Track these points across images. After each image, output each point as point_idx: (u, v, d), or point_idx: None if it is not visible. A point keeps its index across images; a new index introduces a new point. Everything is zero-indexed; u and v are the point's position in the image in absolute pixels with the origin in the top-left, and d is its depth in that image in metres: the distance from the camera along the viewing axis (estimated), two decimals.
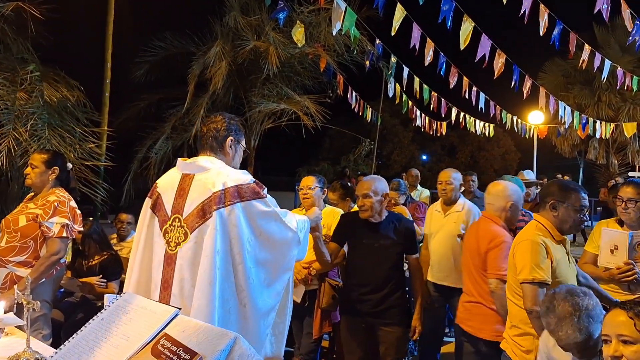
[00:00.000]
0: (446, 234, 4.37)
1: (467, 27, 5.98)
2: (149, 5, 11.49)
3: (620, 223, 3.37)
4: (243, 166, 2.68)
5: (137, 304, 1.48)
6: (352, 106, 11.30)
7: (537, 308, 2.58)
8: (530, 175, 5.83)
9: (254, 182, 2.43)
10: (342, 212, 4.15)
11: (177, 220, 2.40)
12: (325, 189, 4.20)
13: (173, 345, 1.26)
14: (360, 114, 11.75)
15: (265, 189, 2.48)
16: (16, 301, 2.53)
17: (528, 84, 8.40)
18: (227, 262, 2.31)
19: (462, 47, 6.07)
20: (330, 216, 4.03)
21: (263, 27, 9.55)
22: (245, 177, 2.42)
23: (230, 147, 2.56)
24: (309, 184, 4.04)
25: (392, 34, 6.01)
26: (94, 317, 1.49)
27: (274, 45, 9.13)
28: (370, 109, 12.13)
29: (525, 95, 8.54)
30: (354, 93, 11.13)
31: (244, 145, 2.68)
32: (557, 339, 2.33)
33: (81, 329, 1.49)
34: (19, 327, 2.29)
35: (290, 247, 2.55)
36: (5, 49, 6.60)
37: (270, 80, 9.96)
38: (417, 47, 6.51)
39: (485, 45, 6.42)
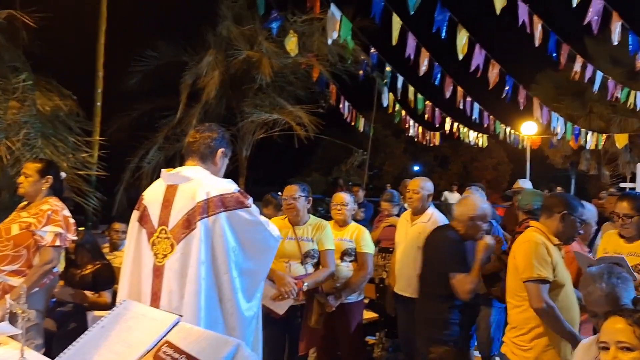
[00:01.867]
0: (409, 244, 4.26)
1: (462, 37, 6.03)
2: (142, 14, 11.48)
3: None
4: (234, 176, 2.68)
5: (137, 311, 1.46)
6: (345, 116, 11.33)
7: (543, 305, 2.67)
8: (527, 184, 5.75)
9: (238, 191, 2.43)
10: (327, 223, 3.93)
11: (163, 231, 2.40)
12: (310, 199, 3.94)
13: (175, 352, 1.24)
14: (353, 124, 11.77)
15: (251, 199, 2.48)
16: (9, 311, 2.50)
17: (522, 94, 8.46)
18: (212, 272, 2.31)
19: (460, 57, 6.11)
20: (318, 229, 3.80)
21: (256, 37, 9.58)
22: (229, 187, 2.42)
23: (220, 158, 2.57)
24: (292, 193, 3.78)
25: (394, 43, 6.03)
26: (94, 325, 1.47)
27: (266, 55, 9.16)
28: (363, 119, 12.16)
29: (521, 105, 8.59)
30: (346, 103, 11.15)
31: (227, 160, 2.69)
32: (584, 296, 2.37)
33: (81, 336, 1.46)
34: (11, 337, 2.26)
35: (273, 255, 2.58)
36: None
37: (262, 90, 9.99)
38: (411, 57, 6.55)
39: (479, 55, 6.47)
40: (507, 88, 7.93)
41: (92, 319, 4.13)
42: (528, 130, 16.06)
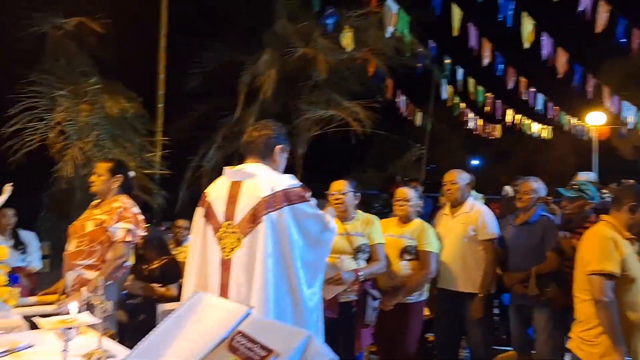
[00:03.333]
0: (454, 237, 4.17)
1: (527, 26, 5.82)
2: (200, 17, 11.77)
3: None
4: (290, 174, 2.72)
5: (210, 302, 1.51)
6: (401, 111, 11.19)
7: (604, 299, 2.63)
8: (590, 178, 5.38)
9: (301, 185, 2.51)
10: (376, 217, 3.88)
11: (229, 226, 2.47)
12: (358, 195, 3.86)
13: (249, 342, 1.28)
14: (410, 118, 11.61)
15: (310, 193, 2.55)
16: (85, 302, 2.64)
17: (591, 83, 8.06)
18: (278, 264, 2.37)
19: (526, 46, 5.91)
20: (368, 223, 3.75)
21: (311, 34, 9.60)
22: (292, 182, 2.50)
23: (279, 154, 2.63)
24: (341, 188, 3.70)
25: (455, 34, 5.91)
26: (170, 315, 1.53)
27: (322, 52, 9.16)
28: (420, 113, 11.96)
29: (590, 95, 8.19)
30: (402, 97, 11.01)
31: (287, 156, 2.74)
32: None
33: (158, 325, 1.53)
34: (89, 327, 2.38)
35: (330, 246, 2.62)
36: (68, 63, 6.93)
37: (318, 87, 10.00)
38: (475, 47, 6.39)
39: (547, 43, 6.23)
40: (576, 77, 7.57)
41: (161, 313, 4.28)
42: (595, 120, 15.33)
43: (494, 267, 4.12)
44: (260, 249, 2.35)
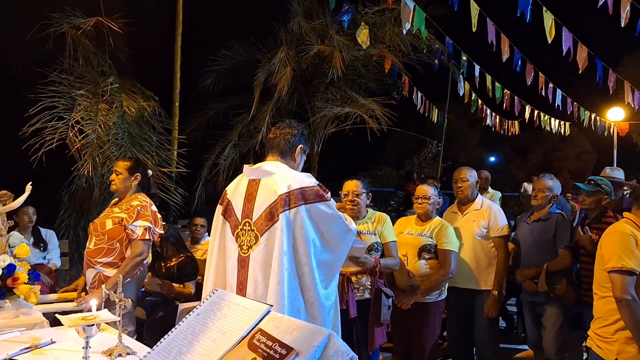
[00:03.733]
0: (465, 235, 4.17)
1: (548, 20, 5.74)
2: (215, 16, 11.83)
3: None
4: (306, 171, 2.72)
5: (230, 301, 1.52)
6: (418, 107, 11.13)
7: (626, 296, 2.60)
8: (615, 173, 5.01)
9: (318, 185, 2.50)
10: (386, 215, 3.83)
11: (247, 224, 2.49)
12: (370, 194, 3.83)
13: (269, 340, 1.28)
14: (426, 115, 11.54)
15: (329, 193, 2.53)
16: (104, 299, 2.67)
17: (612, 78, 7.91)
18: (293, 262, 2.39)
19: (549, 41, 5.83)
20: (379, 222, 3.73)
21: (327, 31, 9.57)
22: (309, 180, 2.49)
23: (299, 154, 2.66)
24: (355, 189, 3.65)
25: (474, 30, 5.85)
26: (190, 312, 1.54)
27: (338, 49, 9.13)
28: (437, 110, 11.89)
29: (611, 90, 8.05)
30: (419, 94, 10.95)
31: (305, 156, 2.77)
32: None
33: (179, 322, 1.54)
34: (108, 324, 2.41)
35: (349, 247, 2.63)
36: (86, 62, 7.00)
37: (333, 84, 9.96)
38: (494, 43, 6.32)
39: (567, 38, 6.13)
40: (598, 72, 7.44)
41: (181, 312, 4.32)
42: (615, 116, 15.07)
43: (506, 264, 4.11)
44: (277, 247, 2.36)
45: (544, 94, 8.86)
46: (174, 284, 4.63)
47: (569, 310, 3.88)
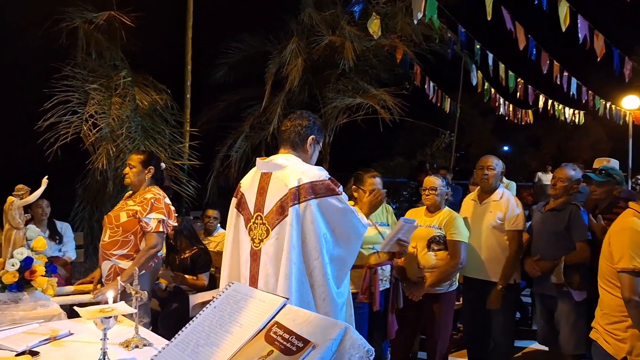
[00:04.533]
0: (480, 224, 4.15)
1: (563, 8, 5.66)
2: (226, 7, 11.81)
3: None
4: (318, 163, 2.70)
5: (246, 293, 1.53)
6: (430, 97, 11.06)
7: (636, 298, 2.54)
8: (612, 163, 4.88)
9: (329, 178, 2.47)
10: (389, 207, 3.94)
11: (259, 217, 2.49)
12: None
13: (285, 333, 1.29)
14: (439, 105, 11.46)
15: (341, 187, 2.51)
16: (120, 291, 2.69)
17: (628, 66, 7.78)
18: (301, 257, 2.37)
19: (563, 29, 5.74)
20: (388, 212, 3.87)
21: (338, 22, 9.52)
22: (320, 174, 2.47)
23: (311, 145, 2.63)
24: (375, 183, 3.61)
25: (489, 18, 5.79)
26: (207, 305, 1.55)
27: (349, 39, 9.08)
28: (449, 100, 11.80)
29: (627, 78, 7.92)
30: (431, 83, 10.87)
31: (320, 146, 2.74)
32: None
33: (196, 315, 1.56)
34: (124, 316, 2.44)
35: (360, 242, 2.59)
36: (99, 56, 7.03)
37: (345, 75, 9.93)
38: (509, 32, 6.25)
39: (583, 26, 6.04)
40: (614, 60, 7.32)
41: (191, 303, 4.35)
42: (630, 104, 14.86)
43: (517, 258, 4.07)
44: (286, 241, 2.36)
45: (558, 83, 8.75)
46: (187, 276, 4.67)
47: (582, 304, 3.81)
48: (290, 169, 2.47)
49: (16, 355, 1.98)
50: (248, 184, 2.63)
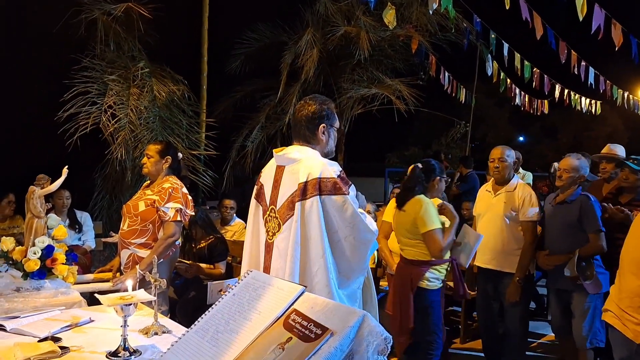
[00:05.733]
0: (494, 215, 4.14)
1: None
2: None
3: None
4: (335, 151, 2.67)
5: (265, 281, 1.55)
6: (445, 87, 10.97)
7: None
8: (618, 149, 4.77)
9: (338, 176, 2.38)
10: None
11: (272, 211, 2.49)
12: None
13: (304, 320, 1.30)
14: (454, 95, 11.37)
15: (352, 186, 2.42)
16: (139, 279, 2.74)
17: None
18: (308, 255, 2.34)
19: (580, 19, 5.66)
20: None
21: (353, 12, 9.49)
22: (330, 170, 2.37)
23: (323, 133, 2.53)
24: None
25: (507, 7, 5.73)
26: (226, 293, 1.58)
27: (364, 29, 9.04)
28: (464, 90, 11.70)
29: None
30: (446, 74, 10.78)
31: (337, 127, 2.63)
32: None
33: (215, 303, 1.59)
34: (143, 304, 2.48)
35: (369, 248, 2.46)
36: (117, 48, 7.11)
37: (360, 65, 9.89)
38: (529, 20, 6.18)
39: (599, 15, 5.95)
40: (632, 50, 7.19)
41: (210, 289, 4.38)
42: None
43: (532, 249, 4.04)
44: (292, 237, 2.34)
45: (576, 72, 8.63)
46: (203, 265, 4.70)
47: (597, 297, 3.77)
48: (302, 164, 2.41)
49: (39, 341, 2.02)
50: (266, 175, 2.61)
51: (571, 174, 3.88)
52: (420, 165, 3.82)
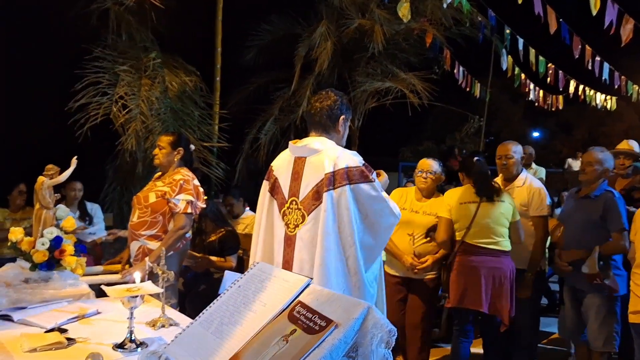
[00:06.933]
0: None
1: None
2: None
3: None
4: (348, 147, 2.67)
5: (271, 273, 1.54)
6: (459, 82, 10.86)
7: None
8: (635, 145, 4.74)
9: (363, 165, 2.44)
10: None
11: (294, 202, 2.47)
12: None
13: (308, 312, 1.30)
14: (468, 89, 11.26)
15: (374, 173, 2.47)
16: (148, 271, 2.73)
17: None
18: (338, 244, 2.35)
19: (594, 13, 5.57)
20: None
21: (368, 5, 9.42)
22: (355, 160, 2.44)
23: (342, 125, 2.59)
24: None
25: (519, 1, 5.64)
26: (232, 284, 1.57)
27: (378, 23, 8.97)
28: (479, 84, 11.59)
29: None
30: (461, 68, 10.67)
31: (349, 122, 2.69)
32: None
33: (221, 294, 1.57)
34: (151, 296, 2.47)
35: (391, 231, 2.55)
36: (129, 38, 7.10)
37: (374, 59, 9.83)
38: (541, 15, 6.09)
39: (612, 10, 5.84)
40: None
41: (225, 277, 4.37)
42: None
43: (543, 244, 3.99)
44: (321, 227, 2.34)
45: (590, 68, 8.49)
46: (214, 258, 4.67)
47: (614, 298, 3.66)
48: (326, 154, 2.44)
49: (46, 332, 2.02)
50: (281, 167, 2.60)
51: (595, 166, 3.74)
52: (481, 158, 3.96)
